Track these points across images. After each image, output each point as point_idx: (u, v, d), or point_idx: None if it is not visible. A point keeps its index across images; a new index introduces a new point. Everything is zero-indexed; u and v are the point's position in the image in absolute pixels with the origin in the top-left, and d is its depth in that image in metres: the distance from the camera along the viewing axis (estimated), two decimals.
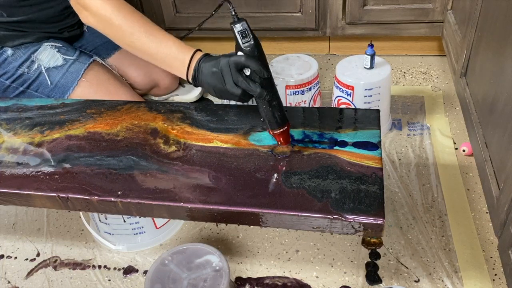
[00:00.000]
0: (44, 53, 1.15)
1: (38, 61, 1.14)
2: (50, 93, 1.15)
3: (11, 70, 1.14)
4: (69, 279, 0.97)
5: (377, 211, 0.66)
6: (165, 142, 0.83)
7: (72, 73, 1.15)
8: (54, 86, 1.15)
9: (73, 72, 1.15)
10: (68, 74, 1.15)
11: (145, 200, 0.72)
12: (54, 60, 1.15)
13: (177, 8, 1.55)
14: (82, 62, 1.17)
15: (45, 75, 1.14)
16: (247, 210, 0.69)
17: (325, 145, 0.79)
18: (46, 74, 1.14)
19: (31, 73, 1.14)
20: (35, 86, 1.15)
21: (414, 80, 1.46)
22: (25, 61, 1.14)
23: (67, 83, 1.14)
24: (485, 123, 0.91)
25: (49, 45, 1.16)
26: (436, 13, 1.38)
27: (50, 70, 1.15)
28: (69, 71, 1.15)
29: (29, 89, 1.16)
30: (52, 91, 1.15)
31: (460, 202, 1.03)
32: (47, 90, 1.15)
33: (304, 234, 1.00)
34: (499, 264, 0.90)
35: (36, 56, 1.14)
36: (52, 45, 1.16)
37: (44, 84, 1.15)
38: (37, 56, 1.14)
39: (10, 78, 1.14)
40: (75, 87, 1.14)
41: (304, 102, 1.24)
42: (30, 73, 1.14)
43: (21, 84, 1.15)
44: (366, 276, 0.91)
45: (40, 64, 1.14)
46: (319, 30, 1.50)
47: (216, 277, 0.80)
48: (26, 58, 1.14)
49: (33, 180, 0.78)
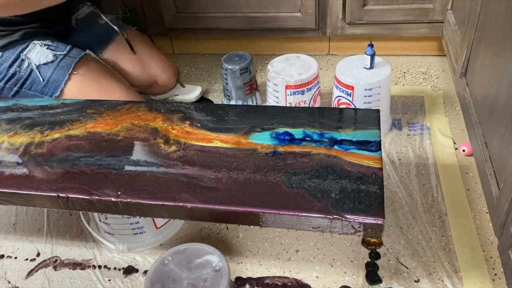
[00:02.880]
0: (33, 51, 1.15)
1: (28, 59, 1.14)
2: (44, 90, 1.15)
3: (2, 71, 1.14)
4: (69, 279, 0.97)
5: (377, 211, 0.66)
6: (165, 142, 0.83)
7: (63, 68, 1.15)
8: (47, 82, 1.14)
9: (63, 66, 1.15)
10: (59, 68, 1.14)
11: (145, 200, 0.72)
12: (44, 56, 1.15)
13: (177, 8, 1.55)
14: (73, 56, 1.17)
15: (36, 72, 1.14)
16: (247, 210, 0.69)
17: (325, 145, 0.79)
18: (37, 71, 1.14)
19: (23, 72, 1.14)
20: (28, 85, 1.15)
21: (414, 80, 1.46)
22: (15, 60, 1.14)
23: (59, 77, 1.14)
24: (485, 123, 0.91)
25: (38, 43, 1.16)
26: (436, 13, 1.38)
27: (41, 67, 1.14)
28: (60, 66, 1.15)
29: (22, 88, 1.16)
30: (45, 87, 1.15)
31: (460, 202, 1.03)
32: (40, 87, 1.15)
33: (304, 234, 1.00)
34: (499, 264, 0.90)
35: (26, 55, 1.14)
36: (42, 43, 1.16)
37: (37, 81, 1.15)
38: (26, 55, 1.14)
39: (3, 80, 1.14)
40: (66, 81, 1.14)
41: (304, 102, 1.24)
42: (21, 72, 1.14)
43: (14, 84, 1.15)
44: (366, 276, 0.91)
45: (30, 62, 1.14)
46: (319, 30, 1.50)
47: (216, 277, 0.80)
48: (15, 57, 1.14)
49: (33, 180, 0.78)
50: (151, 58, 1.37)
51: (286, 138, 0.81)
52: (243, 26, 1.54)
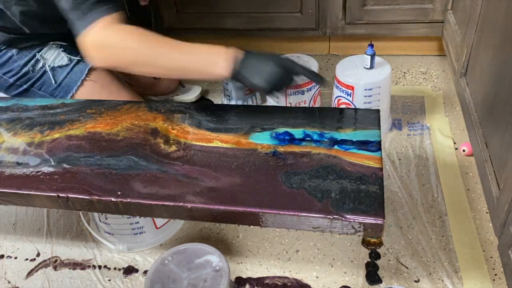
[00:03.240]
0: (49, 52, 1.15)
1: (43, 60, 1.14)
2: (54, 92, 1.15)
3: (15, 68, 1.14)
4: (69, 279, 0.97)
5: (377, 211, 0.66)
6: (165, 142, 0.83)
7: (76, 73, 1.15)
8: (58, 85, 1.15)
9: (77, 72, 1.15)
10: (73, 73, 1.15)
11: (145, 200, 0.72)
12: (59, 59, 1.15)
13: (178, 8, 1.55)
14: (86, 62, 1.17)
15: (49, 74, 1.14)
16: (247, 210, 0.69)
17: (325, 145, 0.79)
18: (50, 73, 1.14)
19: (36, 72, 1.14)
20: (38, 85, 1.15)
21: (414, 80, 1.46)
22: (30, 59, 1.14)
23: (71, 82, 1.14)
24: (485, 123, 0.91)
25: (54, 44, 1.16)
26: (436, 13, 1.38)
27: (55, 69, 1.15)
28: (74, 71, 1.15)
29: (32, 87, 1.16)
30: (56, 90, 1.15)
31: (460, 202, 1.03)
32: (51, 89, 1.15)
33: (304, 234, 1.00)
34: (499, 264, 0.90)
35: (41, 55, 1.14)
36: (58, 44, 1.16)
37: (48, 82, 1.15)
38: (42, 55, 1.14)
39: (14, 76, 1.14)
40: (78, 86, 1.14)
41: (304, 102, 1.24)
42: (34, 72, 1.14)
43: (25, 82, 1.15)
44: (366, 276, 0.91)
45: (45, 63, 1.14)
46: (319, 30, 1.50)
47: (216, 277, 0.80)
48: (31, 57, 1.14)
49: (33, 180, 0.78)
50: None
51: (286, 138, 0.81)
52: (243, 26, 1.54)
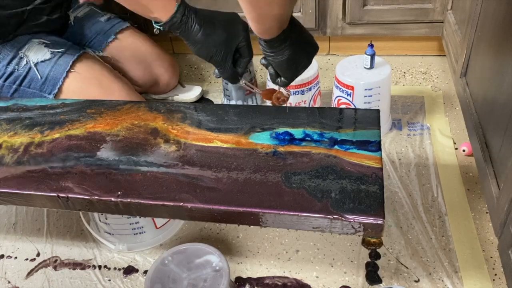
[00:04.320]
0: (31, 49, 1.15)
1: (26, 57, 1.14)
2: (42, 87, 1.16)
3: (1, 69, 1.14)
4: (69, 279, 0.97)
5: (377, 211, 0.66)
6: (165, 142, 0.83)
7: (60, 65, 1.15)
8: (45, 79, 1.15)
9: (61, 64, 1.15)
10: (57, 66, 1.15)
11: (145, 200, 0.72)
12: (42, 54, 1.15)
13: None
14: (70, 54, 1.17)
15: (34, 70, 1.14)
16: (247, 210, 0.69)
17: (325, 145, 0.79)
18: (35, 69, 1.14)
19: (21, 70, 1.15)
20: (27, 82, 1.16)
21: (414, 80, 1.46)
22: (13, 58, 1.15)
23: (57, 75, 1.15)
24: (485, 123, 0.91)
25: (36, 41, 1.16)
26: (436, 13, 1.38)
27: (39, 65, 1.15)
28: (58, 63, 1.15)
29: (21, 86, 1.16)
30: (44, 85, 1.15)
31: (460, 202, 1.03)
32: (39, 85, 1.16)
33: (304, 234, 1.00)
34: (499, 264, 0.90)
35: (24, 53, 1.15)
36: (40, 41, 1.17)
37: (35, 79, 1.15)
38: (24, 53, 1.15)
39: (2, 77, 1.15)
40: (64, 78, 1.15)
41: (304, 102, 1.24)
42: (20, 70, 1.15)
43: (13, 82, 1.15)
44: (366, 276, 0.91)
45: (28, 60, 1.14)
46: (319, 30, 1.50)
47: (216, 277, 0.80)
48: (13, 55, 1.15)
49: (33, 180, 0.78)
50: (153, 56, 1.37)
51: (286, 138, 0.81)
52: None
